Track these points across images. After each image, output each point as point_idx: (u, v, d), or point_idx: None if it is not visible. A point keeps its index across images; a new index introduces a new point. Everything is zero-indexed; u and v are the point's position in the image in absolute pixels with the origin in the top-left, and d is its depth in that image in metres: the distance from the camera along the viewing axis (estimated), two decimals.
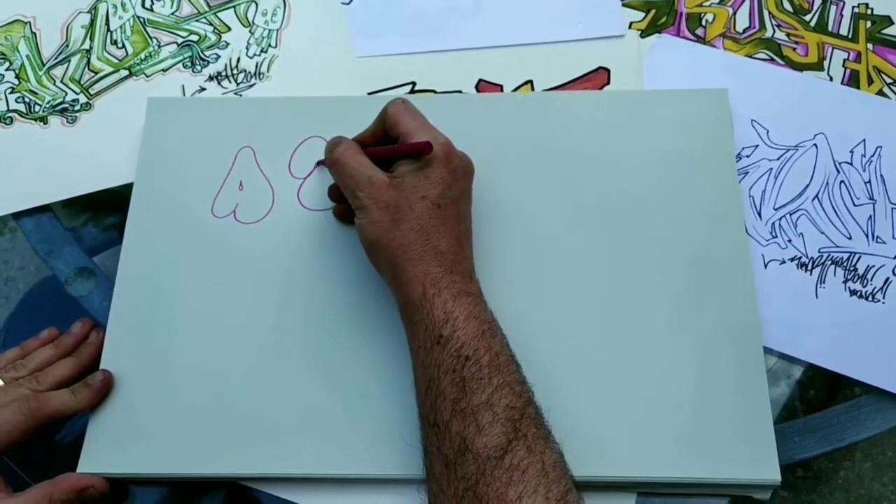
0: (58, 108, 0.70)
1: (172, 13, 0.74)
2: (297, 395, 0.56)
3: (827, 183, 0.63)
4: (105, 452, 0.56)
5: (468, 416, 0.46)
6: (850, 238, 0.61)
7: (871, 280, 0.59)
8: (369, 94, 0.69)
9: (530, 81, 0.68)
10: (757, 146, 0.64)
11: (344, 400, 0.56)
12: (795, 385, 0.60)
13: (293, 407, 0.56)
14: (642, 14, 0.71)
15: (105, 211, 0.69)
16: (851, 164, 0.63)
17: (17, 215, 0.66)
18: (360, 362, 0.57)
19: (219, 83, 0.70)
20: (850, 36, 0.69)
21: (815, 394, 1.19)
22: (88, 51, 0.72)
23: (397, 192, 0.52)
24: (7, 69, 0.71)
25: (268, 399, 0.56)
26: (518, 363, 0.50)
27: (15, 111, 0.70)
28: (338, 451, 0.55)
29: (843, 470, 1.29)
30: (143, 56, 0.72)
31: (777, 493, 0.53)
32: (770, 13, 0.70)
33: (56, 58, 0.72)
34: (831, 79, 0.67)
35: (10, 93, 0.70)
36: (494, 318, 0.51)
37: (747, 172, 0.63)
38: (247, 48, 0.72)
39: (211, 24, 0.73)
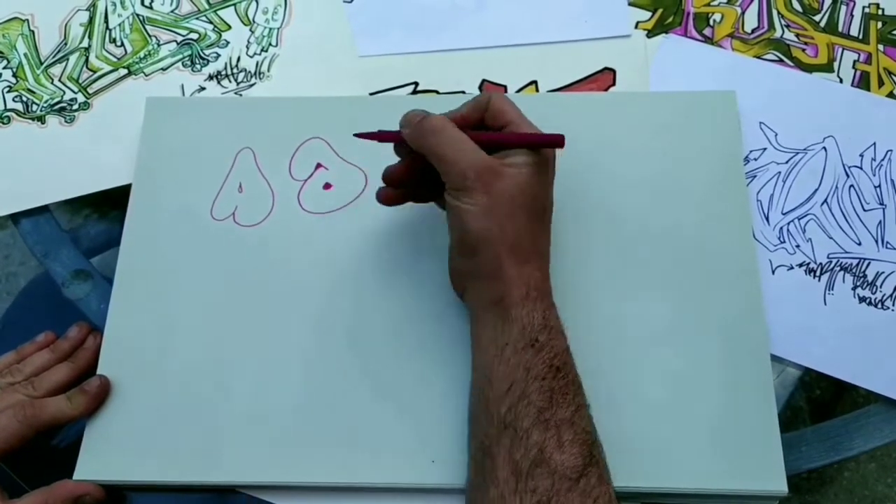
0: (56, 107, 0.69)
1: (172, 11, 0.73)
2: (297, 401, 0.56)
3: (836, 187, 0.62)
4: (101, 459, 0.55)
5: (551, 428, 0.45)
6: (859, 244, 0.60)
7: (881, 287, 0.58)
8: (371, 94, 0.68)
9: (535, 82, 0.67)
10: (765, 149, 0.63)
11: (344, 407, 0.55)
12: (800, 384, 0.59)
13: (293, 414, 0.55)
14: (649, 13, 0.70)
15: (103, 212, 0.68)
16: (861, 167, 0.62)
17: (14, 216, 0.66)
18: (361, 368, 0.56)
19: (219, 82, 0.69)
20: (860, 37, 0.68)
21: (820, 393, 1.18)
22: (87, 49, 0.71)
23: (514, 184, 0.49)
24: (4, 67, 0.71)
25: (268, 405, 0.56)
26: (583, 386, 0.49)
27: (12, 110, 0.69)
28: (337, 458, 0.54)
29: (847, 471, 1.28)
30: (142, 55, 0.71)
31: None
32: (779, 13, 0.69)
33: (54, 56, 0.71)
34: (841, 80, 0.66)
35: (8, 92, 0.70)
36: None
37: (755, 176, 0.62)
38: (247, 47, 0.71)
39: (211, 23, 0.72)
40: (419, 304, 0.58)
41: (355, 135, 0.56)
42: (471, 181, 0.49)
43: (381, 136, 0.55)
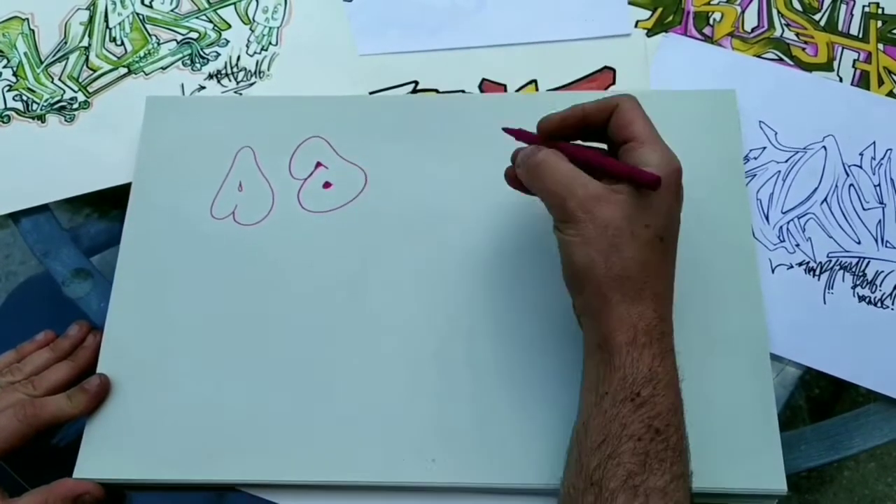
0: (56, 106, 0.69)
1: (172, 10, 0.73)
2: (297, 399, 0.56)
3: (836, 186, 0.62)
4: (101, 458, 0.55)
5: (640, 495, 0.42)
6: (859, 243, 0.60)
7: (881, 286, 0.58)
8: (371, 93, 0.68)
9: (534, 81, 0.67)
10: (765, 148, 0.63)
11: (344, 405, 0.55)
12: (800, 382, 0.59)
13: (293, 412, 0.55)
14: (649, 12, 0.70)
15: (104, 211, 0.68)
16: (861, 166, 0.62)
17: (14, 215, 0.66)
18: (360, 366, 0.56)
19: (218, 81, 0.69)
20: (860, 36, 0.68)
21: (819, 392, 1.18)
22: (87, 48, 0.71)
23: (619, 212, 0.45)
24: (5, 67, 0.71)
25: (267, 404, 0.56)
26: (689, 451, 0.45)
27: (13, 109, 0.69)
28: (337, 457, 0.54)
29: (847, 470, 1.28)
30: (142, 54, 0.71)
31: None
32: (779, 12, 0.69)
33: (54, 55, 0.71)
34: (841, 80, 0.66)
35: (8, 91, 0.70)
36: (681, 389, 0.46)
37: (755, 175, 0.62)
38: (247, 46, 0.71)
39: (211, 22, 0.72)
40: (418, 302, 0.58)
41: (504, 129, 0.53)
42: (572, 211, 0.45)
43: (520, 135, 0.52)
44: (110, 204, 0.67)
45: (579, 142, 0.52)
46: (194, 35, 0.71)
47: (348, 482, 0.54)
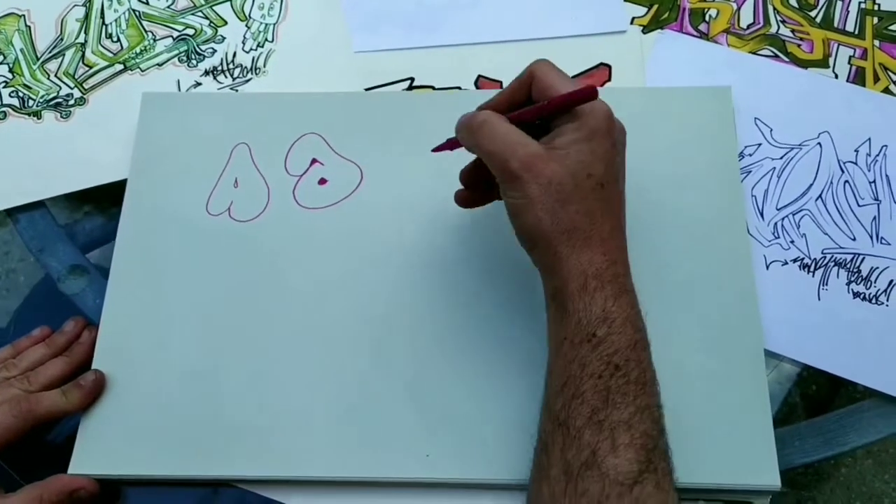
0: (52, 102, 0.69)
1: (168, 6, 0.73)
2: (291, 395, 0.56)
3: (831, 183, 0.62)
4: (96, 453, 0.55)
5: (605, 430, 0.43)
6: (853, 239, 0.60)
7: (875, 282, 0.58)
8: (366, 89, 0.68)
9: None
10: (760, 145, 0.63)
11: (339, 400, 0.55)
12: (796, 379, 0.59)
13: (287, 408, 0.55)
14: (644, 9, 0.70)
15: (102, 207, 0.68)
16: (856, 163, 0.62)
17: (10, 211, 0.66)
18: (356, 362, 0.56)
19: (214, 78, 0.69)
20: (856, 32, 0.68)
21: (816, 389, 1.18)
22: (83, 44, 0.71)
23: (561, 167, 0.46)
24: (1, 63, 0.71)
25: (263, 400, 0.56)
26: (658, 383, 0.46)
27: (8, 106, 0.69)
28: (332, 452, 0.54)
29: (844, 467, 1.28)
30: (138, 50, 0.71)
31: None
32: (775, 8, 0.69)
33: (50, 51, 0.71)
34: (836, 76, 0.66)
35: (4, 87, 0.70)
36: (645, 326, 0.47)
37: (750, 171, 0.62)
38: (243, 42, 0.71)
39: (207, 18, 0.72)
40: (414, 298, 0.58)
41: (433, 150, 0.55)
42: (516, 173, 0.46)
43: (451, 145, 0.54)
44: (111, 201, 0.67)
45: None
46: (190, 31, 0.71)
47: (342, 478, 0.54)
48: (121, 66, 0.70)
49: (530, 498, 0.46)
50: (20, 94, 0.69)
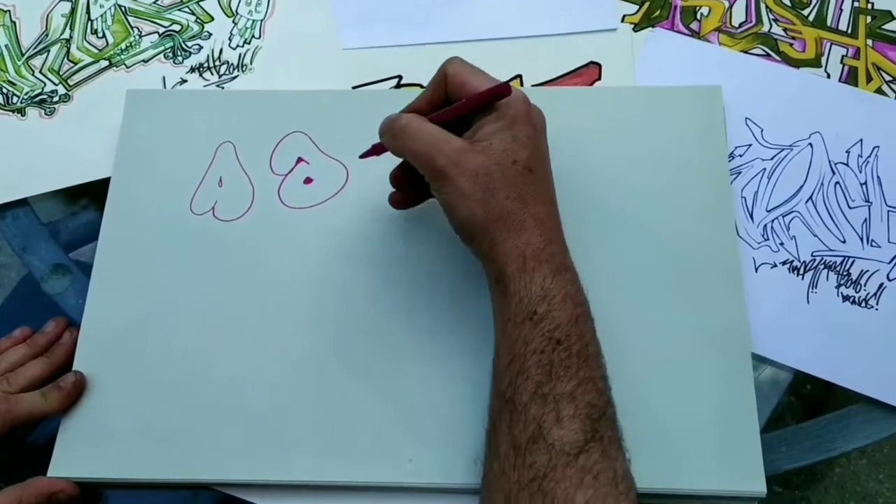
0: (36, 99, 0.68)
1: (154, 2, 0.72)
2: (274, 399, 0.55)
3: (822, 184, 0.61)
4: (76, 456, 0.54)
5: (549, 403, 0.44)
6: (844, 241, 0.59)
7: (865, 285, 0.58)
8: (354, 87, 0.67)
9: (519, 76, 0.66)
10: (750, 145, 0.62)
11: (322, 405, 0.55)
12: (793, 379, 0.58)
13: (270, 411, 0.55)
14: (636, 7, 0.69)
15: (85, 205, 0.68)
16: (847, 164, 0.61)
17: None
18: (339, 365, 0.56)
19: (200, 75, 0.68)
20: (849, 31, 0.67)
21: (811, 388, 1.17)
22: (68, 40, 0.70)
23: (486, 158, 0.47)
24: None
25: (245, 403, 0.55)
26: (603, 355, 0.47)
27: None
28: (314, 457, 0.53)
29: (838, 467, 1.28)
30: (123, 46, 0.70)
31: (771, 488, 0.51)
32: (767, 7, 0.68)
33: (35, 47, 0.70)
34: (829, 76, 0.65)
35: None
36: (587, 301, 0.48)
37: (740, 172, 0.61)
38: (230, 39, 0.70)
39: (193, 14, 0.71)
40: (398, 302, 0.57)
41: (360, 157, 0.56)
42: (443, 169, 0.48)
43: (376, 150, 0.55)
44: (96, 198, 0.66)
45: None
46: (176, 28, 0.71)
47: (325, 482, 0.53)
48: (106, 63, 0.69)
49: (484, 478, 0.47)
50: (4, 91, 0.68)
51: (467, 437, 0.53)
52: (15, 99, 0.68)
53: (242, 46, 0.70)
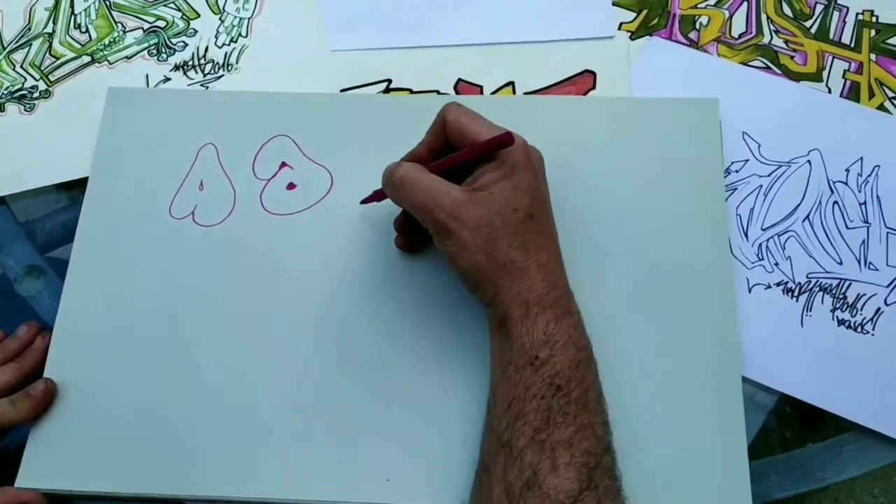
0: (16, 94, 0.66)
1: None
2: (251, 413, 0.54)
3: (819, 203, 0.59)
4: (45, 467, 0.53)
5: (546, 450, 0.44)
6: (840, 263, 0.57)
7: (861, 310, 0.56)
8: (342, 90, 0.65)
9: (512, 83, 0.64)
10: (747, 161, 0.60)
11: (299, 421, 0.53)
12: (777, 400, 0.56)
13: (246, 426, 0.53)
14: (633, 14, 0.67)
15: (63, 204, 0.66)
16: (846, 183, 0.60)
17: None
18: (318, 381, 0.54)
19: (185, 73, 0.67)
20: (852, 45, 0.65)
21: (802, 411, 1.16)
22: (51, 35, 0.69)
23: (487, 209, 0.47)
24: None
25: (220, 417, 0.54)
26: (605, 400, 0.47)
27: None
28: (290, 474, 0.52)
29: None
30: (106, 42, 0.68)
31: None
32: (768, 17, 0.66)
33: (17, 41, 0.68)
34: (830, 90, 0.63)
35: None
36: (590, 344, 0.48)
37: (735, 189, 0.60)
38: (216, 37, 0.68)
39: (179, 10, 0.69)
40: (382, 315, 0.56)
41: (361, 202, 0.57)
42: (444, 223, 0.48)
43: (378, 196, 0.55)
44: (74, 198, 0.65)
45: None
46: (161, 24, 0.69)
47: (300, 500, 0.52)
48: (88, 59, 0.68)
49: None
50: None
51: (446, 456, 0.52)
52: None
53: (229, 45, 0.68)
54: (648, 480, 0.50)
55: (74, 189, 0.63)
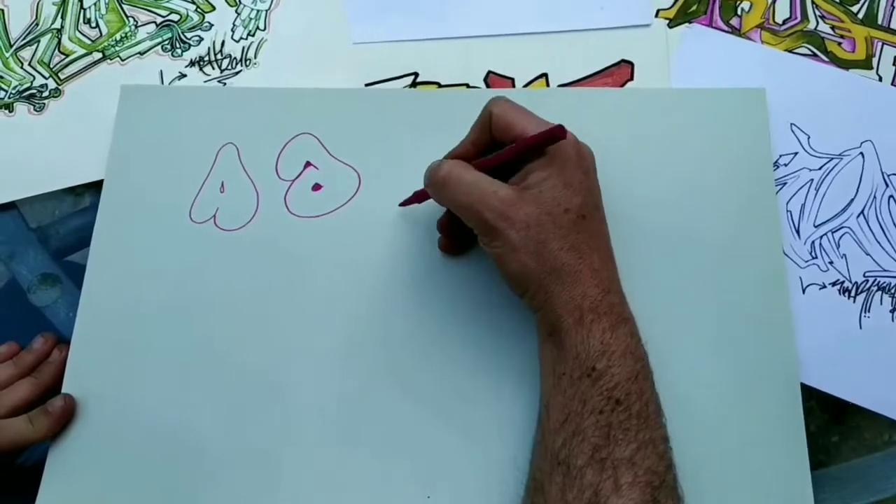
0: (25, 94, 0.63)
1: None
2: (281, 427, 0.51)
3: (874, 197, 0.56)
4: (66, 487, 0.51)
5: (607, 469, 0.41)
6: None
7: None
8: (366, 85, 0.62)
9: (545, 75, 0.62)
10: (796, 153, 0.58)
11: (334, 438, 0.51)
12: None
13: (276, 442, 0.51)
14: (671, 1, 0.64)
15: (78, 208, 0.63)
16: None
17: None
18: (353, 394, 0.52)
19: (201, 69, 0.64)
20: None
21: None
22: (59, 30, 0.66)
23: (537, 207, 0.45)
24: None
25: (250, 432, 0.51)
26: (664, 414, 0.45)
27: None
28: (327, 493, 0.50)
29: None
30: (118, 37, 0.65)
31: None
32: (813, 3, 0.63)
33: (24, 38, 0.65)
34: (880, 78, 0.61)
35: None
36: (646, 353, 0.46)
37: (785, 183, 0.57)
38: (232, 30, 0.65)
39: (193, 3, 0.66)
40: (416, 323, 0.53)
41: (400, 205, 0.55)
42: (491, 223, 0.45)
43: (418, 197, 0.53)
44: (89, 201, 0.62)
45: None
46: (175, 17, 0.66)
47: None
48: (99, 55, 0.65)
49: None
50: None
51: (487, 471, 0.50)
52: (2, 93, 0.63)
53: (246, 39, 0.65)
54: (706, 494, 0.48)
55: (88, 191, 0.60)
